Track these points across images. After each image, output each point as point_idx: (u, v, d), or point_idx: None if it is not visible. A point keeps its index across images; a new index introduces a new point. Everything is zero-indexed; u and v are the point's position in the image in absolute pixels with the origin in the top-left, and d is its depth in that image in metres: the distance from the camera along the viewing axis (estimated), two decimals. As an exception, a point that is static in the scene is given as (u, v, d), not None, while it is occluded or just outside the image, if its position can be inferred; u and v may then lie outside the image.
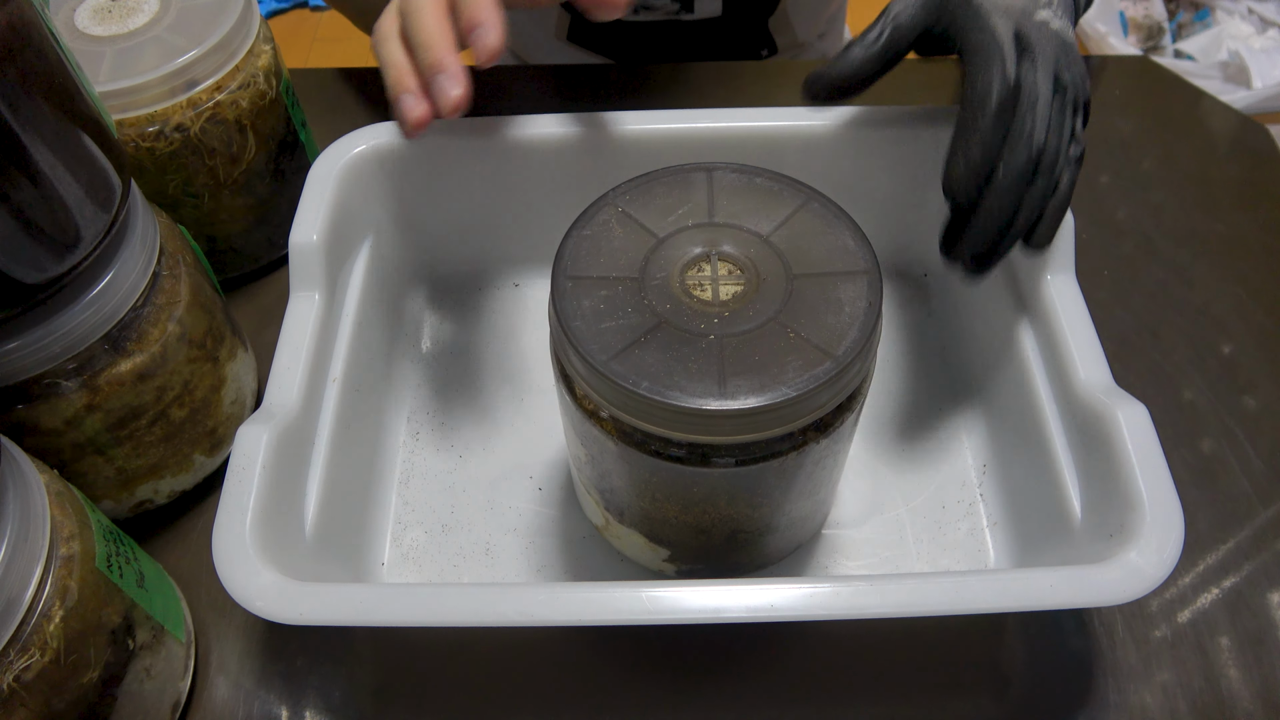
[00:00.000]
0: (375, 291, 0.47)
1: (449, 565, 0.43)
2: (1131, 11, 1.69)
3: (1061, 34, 0.38)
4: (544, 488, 0.46)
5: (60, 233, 0.34)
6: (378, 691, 0.40)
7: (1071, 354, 0.39)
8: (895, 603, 0.31)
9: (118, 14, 0.46)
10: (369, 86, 0.65)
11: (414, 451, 0.47)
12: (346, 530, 0.41)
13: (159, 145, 0.45)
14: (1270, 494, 0.45)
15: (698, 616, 0.31)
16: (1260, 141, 0.61)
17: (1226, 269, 0.54)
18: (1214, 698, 0.39)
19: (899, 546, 0.44)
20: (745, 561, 0.42)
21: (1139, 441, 0.35)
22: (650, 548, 0.40)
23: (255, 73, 0.47)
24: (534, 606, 0.31)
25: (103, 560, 0.33)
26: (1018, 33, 0.37)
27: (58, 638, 0.30)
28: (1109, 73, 0.66)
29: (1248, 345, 0.51)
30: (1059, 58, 0.37)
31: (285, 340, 0.39)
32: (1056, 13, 0.39)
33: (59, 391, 0.37)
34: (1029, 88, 0.36)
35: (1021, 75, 0.36)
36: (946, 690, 0.40)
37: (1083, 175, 0.58)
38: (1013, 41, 0.37)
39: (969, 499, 0.45)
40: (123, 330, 0.38)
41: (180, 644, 0.38)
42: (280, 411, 0.37)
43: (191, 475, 0.44)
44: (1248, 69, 1.50)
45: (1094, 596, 0.31)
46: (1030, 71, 0.36)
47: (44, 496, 0.31)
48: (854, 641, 0.41)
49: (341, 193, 0.43)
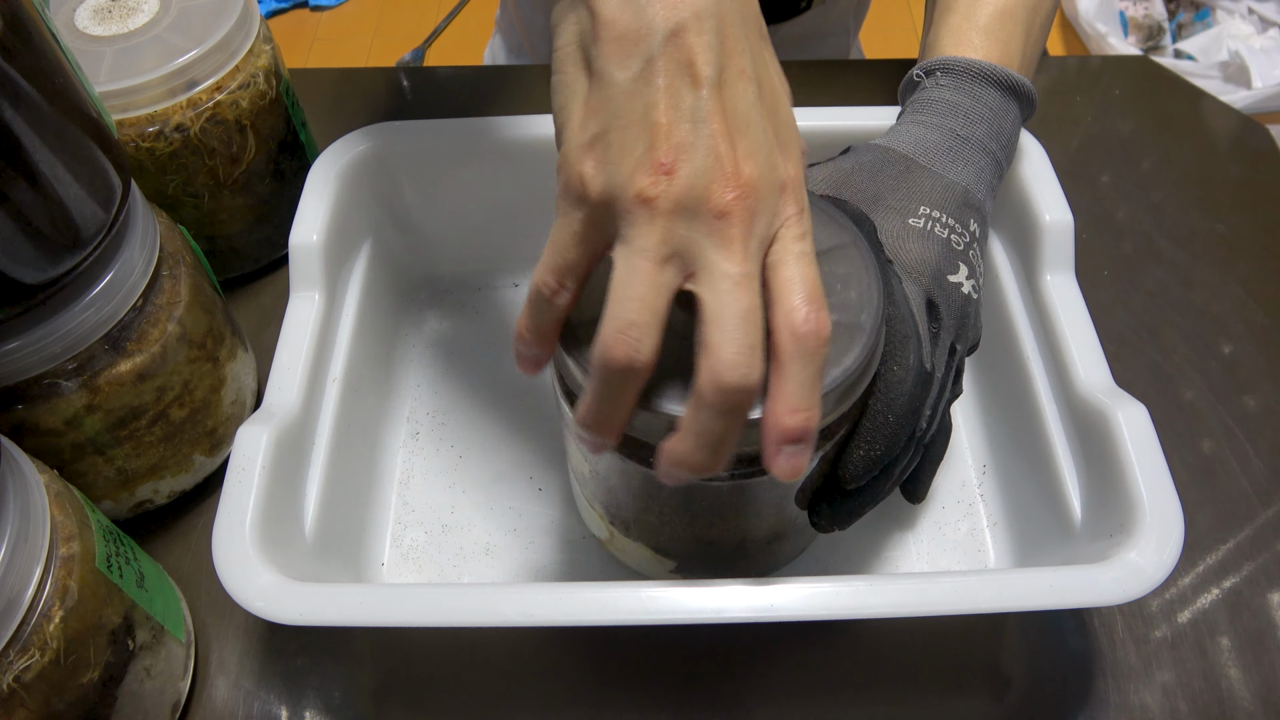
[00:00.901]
0: (375, 291, 0.47)
1: (449, 565, 0.43)
2: (1131, 11, 1.69)
3: (969, 298, 0.36)
4: (544, 488, 0.46)
5: (60, 233, 0.34)
6: (377, 691, 0.40)
7: (1071, 354, 0.39)
8: (895, 603, 0.31)
9: (118, 14, 0.46)
10: (369, 86, 0.65)
11: (414, 451, 0.47)
12: (346, 530, 0.41)
13: (159, 145, 0.45)
14: (1270, 494, 0.45)
15: (698, 616, 0.31)
16: (1260, 141, 0.61)
17: (1226, 269, 0.54)
18: (1214, 698, 0.39)
19: (899, 546, 0.44)
20: (753, 569, 0.41)
21: (1139, 442, 0.35)
22: (656, 560, 0.39)
23: (255, 73, 0.47)
24: (534, 606, 0.31)
25: (103, 560, 0.33)
26: (929, 301, 0.35)
27: (58, 638, 0.30)
28: (1109, 73, 0.66)
29: (1248, 345, 0.51)
30: (959, 326, 0.35)
31: (285, 340, 0.39)
32: (973, 266, 0.36)
33: (59, 391, 0.37)
34: (937, 380, 0.34)
35: (935, 362, 0.34)
36: (946, 690, 0.40)
37: (1083, 175, 0.59)
38: (925, 315, 0.34)
39: (969, 499, 0.45)
40: (123, 330, 0.38)
41: (180, 644, 0.38)
42: (280, 411, 0.37)
43: (191, 475, 0.44)
44: (1248, 69, 1.50)
45: (1094, 596, 0.31)
46: (941, 353, 0.35)
47: (44, 496, 0.31)
48: (854, 642, 0.41)
49: (341, 193, 0.43)
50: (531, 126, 0.45)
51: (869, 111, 0.45)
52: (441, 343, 0.51)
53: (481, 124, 0.45)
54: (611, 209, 0.26)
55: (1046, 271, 0.41)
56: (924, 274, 0.35)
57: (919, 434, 0.34)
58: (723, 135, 0.26)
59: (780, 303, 0.27)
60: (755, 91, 0.27)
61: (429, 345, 0.51)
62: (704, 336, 0.26)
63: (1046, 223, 0.41)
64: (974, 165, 0.38)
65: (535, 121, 0.45)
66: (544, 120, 0.45)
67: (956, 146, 0.38)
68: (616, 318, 0.26)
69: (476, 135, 0.45)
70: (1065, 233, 0.41)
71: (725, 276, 0.26)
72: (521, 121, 0.46)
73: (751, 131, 0.27)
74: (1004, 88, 0.40)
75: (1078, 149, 0.60)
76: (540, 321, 0.29)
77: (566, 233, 0.27)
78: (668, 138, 0.25)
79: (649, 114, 0.26)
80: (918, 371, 0.33)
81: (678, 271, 0.26)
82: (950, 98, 0.39)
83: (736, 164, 0.26)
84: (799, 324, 0.26)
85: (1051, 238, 0.41)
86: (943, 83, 0.40)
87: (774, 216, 0.27)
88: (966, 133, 0.38)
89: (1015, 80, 0.40)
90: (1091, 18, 1.64)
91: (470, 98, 0.64)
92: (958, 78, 0.40)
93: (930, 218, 0.36)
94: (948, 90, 0.39)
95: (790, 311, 0.26)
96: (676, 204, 0.25)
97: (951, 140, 0.38)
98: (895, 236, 0.35)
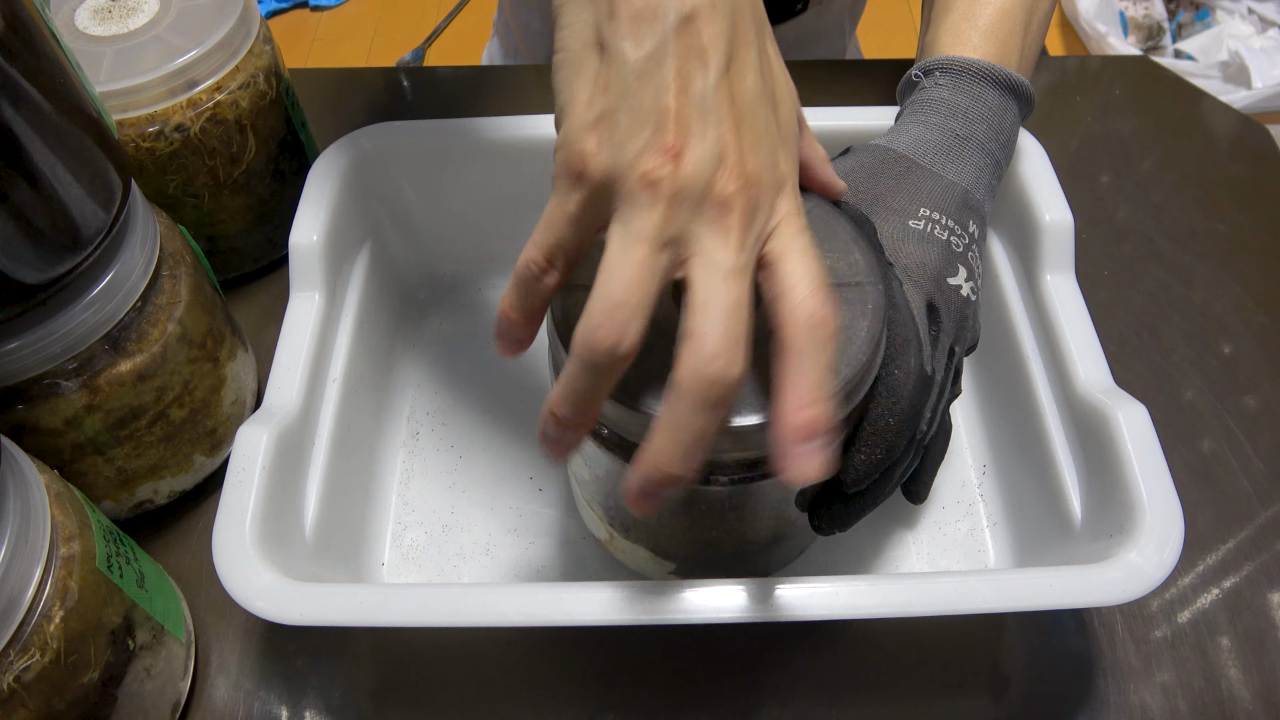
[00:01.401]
0: (375, 291, 0.47)
1: (449, 565, 0.43)
2: (1132, 11, 1.69)
3: (968, 300, 0.36)
4: (544, 488, 0.46)
5: (60, 233, 0.34)
6: (377, 691, 0.40)
7: (1071, 354, 0.39)
8: (895, 603, 0.31)
9: (118, 14, 0.46)
10: (369, 86, 0.65)
11: (414, 451, 0.47)
12: (346, 530, 0.41)
13: (159, 145, 0.45)
14: (1270, 494, 0.45)
15: (698, 616, 0.31)
16: (1260, 141, 0.61)
17: (1226, 269, 0.54)
18: (1214, 698, 0.39)
19: (899, 546, 0.44)
20: (753, 570, 0.41)
21: (1139, 442, 0.35)
22: (656, 561, 0.39)
23: (255, 73, 0.47)
24: (534, 606, 0.31)
25: (103, 560, 0.33)
26: (929, 304, 0.34)
27: (58, 638, 0.30)
28: (1109, 73, 0.66)
29: (1248, 345, 0.51)
30: (958, 329, 0.35)
31: (285, 340, 0.39)
32: (972, 268, 0.36)
33: (59, 391, 0.37)
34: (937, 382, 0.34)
35: (935, 365, 0.34)
36: (946, 690, 0.40)
37: (1083, 175, 0.59)
38: (925, 318, 0.34)
39: (969, 499, 0.45)
40: (123, 330, 0.38)
41: (180, 644, 0.38)
42: (280, 411, 0.37)
43: (191, 475, 0.44)
44: (1248, 69, 1.50)
45: (1094, 596, 0.31)
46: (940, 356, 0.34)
47: (44, 496, 0.31)
48: (854, 642, 0.41)
49: (341, 193, 0.43)
50: (531, 126, 0.45)
51: (868, 112, 0.45)
52: (441, 343, 0.51)
53: (481, 124, 0.45)
54: (612, 189, 0.25)
55: (1046, 271, 0.41)
56: (924, 277, 0.35)
57: (919, 436, 0.34)
58: (731, 125, 0.26)
59: (788, 294, 0.26)
60: (761, 85, 0.27)
61: (429, 345, 0.51)
62: (689, 325, 0.25)
63: (1046, 223, 0.41)
64: (973, 165, 0.38)
65: (535, 121, 0.45)
66: (544, 120, 0.45)
67: (956, 146, 0.38)
68: (606, 298, 0.25)
69: (476, 135, 0.45)
70: (1065, 233, 0.41)
71: (718, 267, 0.25)
72: (521, 121, 0.46)
73: (757, 124, 0.26)
74: (1003, 87, 0.40)
75: (1078, 149, 0.60)
76: (526, 302, 0.28)
77: (560, 211, 0.26)
78: (678, 122, 0.25)
79: (660, 96, 0.25)
80: (918, 375, 0.33)
81: (672, 258, 0.25)
82: (949, 97, 0.39)
83: (742, 155, 0.26)
84: (810, 314, 0.26)
85: (1051, 238, 0.41)
86: (941, 82, 0.40)
87: (772, 213, 0.27)
88: (966, 132, 0.38)
89: (1014, 79, 0.40)
90: (1091, 18, 1.64)
91: (470, 98, 0.64)
92: (957, 77, 0.40)
93: (930, 220, 0.36)
94: (947, 90, 0.39)
95: (800, 303, 0.26)
96: (680, 189, 0.25)
97: (951, 140, 0.38)
98: (895, 239, 0.35)
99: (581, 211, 0.26)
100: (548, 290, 0.28)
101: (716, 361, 0.24)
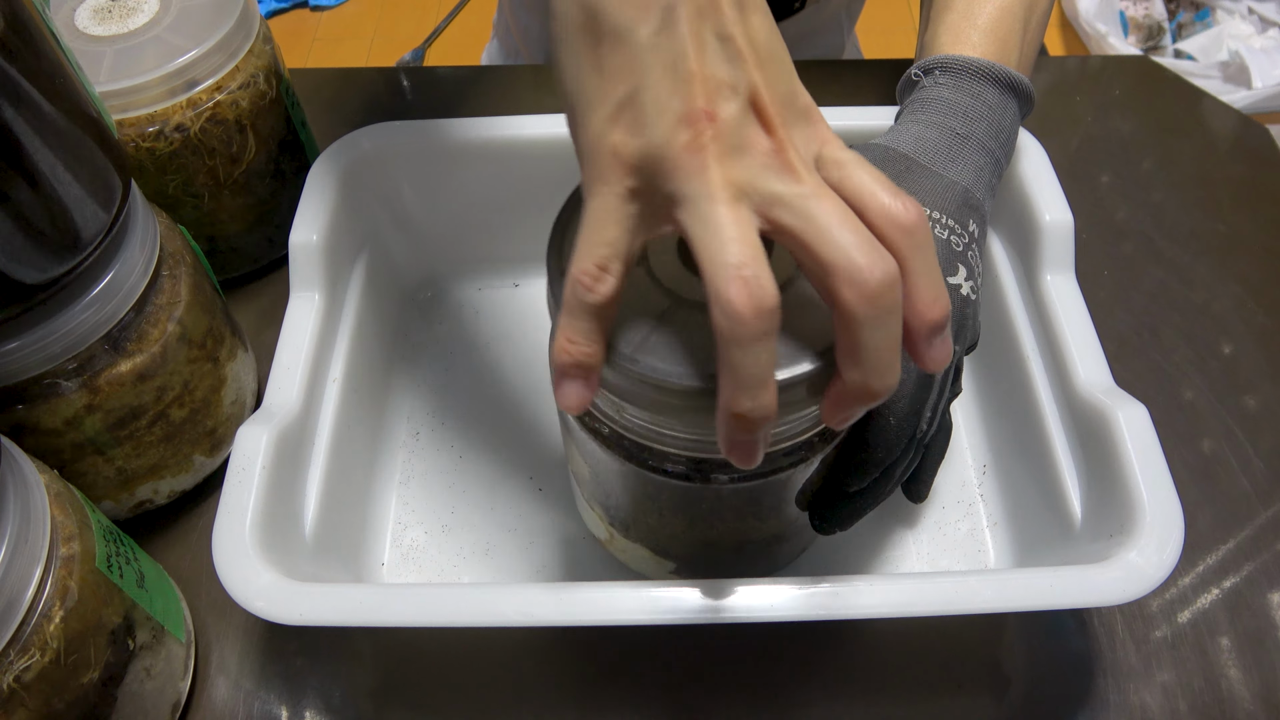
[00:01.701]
0: (375, 291, 0.47)
1: (449, 565, 0.43)
2: (1132, 11, 1.69)
3: (967, 299, 0.35)
4: (544, 488, 0.46)
5: (60, 233, 0.34)
6: (377, 691, 0.40)
7: (1071, 354, 0.39)
8: (895, 603, 0.31)
9: (118, 14, 0.46)
10: (369, 86, 0.65)
11: (414, 451, 0.47)
12: (346, 530, 0.41)
13: (159, 145, 0.45)
14: (1270, 494, 0.45)
15: (697, 617, 0.31)
16: (1260, 141, 0.61)
17: (1226, 269, 0.54)
18: (1214, 698, 0.39)
19: (899, 546, 0.44)
20: (753, 570, 0.41)
21: (1139, 441, 0.35)
22: (656, 561, 0.39)
23: (255, 73, 0.47)
24: (534, 606, 0.31)
25: (103, 560, 0.33)
26: None
27: (58, 638, 0.30)
28: (1109, 73, 0.66)
29: (1248, 345, 0.51)
30: (957, 328, 0.35)
31: (285, 340, 0.39)
32: (972, 267, 0.36)
33: (59, 391, 0.37)
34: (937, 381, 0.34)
35: None
36: (946, 690, 0.40)
37: (1083, 175, 0.59)
38: None
39: (969, 499, 0.45)
40: (123, 330, 0.38)
41: (180, 644, 0.38)
42: (280, 411, 0.37)
43: (191, 475, 0.44)
44: (1248, 69, 1.50)
45: (1094, 596, 0.31)
46: None
47: (44, 496, 0.31)
48: (854, 641, 0.41)
49: (341, 193, 0.43)
50: (532, 126, 0.45)
51: (868, 111, 0.45)
52: (441, 343, 0.51)
53: (481, 124, 0.45)
54: (656, 171, 0.24)
55: (1046, 271, 0.41)
56: None
57: (920, 435, 0.34)
58: (755, 67, 0.25)
59: (870, 206, 0.25)
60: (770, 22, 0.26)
61: (429, 345, 0.51)
62: (818, 259, 0.24)
63: (1046, 223, 0.41)
64: (973, 164, 0.38)
65: (535, 121, 0.45)
66: (545, 120, 0.45)
67: (956, 145, 0.38)
68: (724, 265, 0.23)
69: (477, 135, 0.45)
70: (1065, 232, 0.41)
71: (801, 196, 0.24)
72: (522, 121, 0.46)
73: (775, 60, 0.26)
74: (1003, 85, 0.40)
75: (1078, 149, 0.60)
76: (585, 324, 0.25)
77: (603, 210, 0.25)
78: (704, 83, 0.24)
79: (680, 64, 0.24)
80: (918, 375, 0.33)
81: (752, 209, 0.24)
82: (949, 96, 0.39)
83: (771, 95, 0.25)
84: (900, 217, 0.25)
85: (1051, 237, 0.41)
86: (941, 81, 0.40)
87: (809, 139, 0.26)
88: (966, 131, 0.38)
89: (1014, 78, 0.40)
90: (1091, 18, 1.64)
91: (470, 98, 0.64)
92: (956, 76, 0.40)
93: (930, 219, 0.36)
94: (946, 89, 0.39)
95: (885, 209, 0.25)
96: (727, 146, 0.24)
97: (951, 139, 0.38)
98: None
99: (627, 204, 0.25)
100: (606, 302, 0.25)
101: (875, 270, 0.23)
